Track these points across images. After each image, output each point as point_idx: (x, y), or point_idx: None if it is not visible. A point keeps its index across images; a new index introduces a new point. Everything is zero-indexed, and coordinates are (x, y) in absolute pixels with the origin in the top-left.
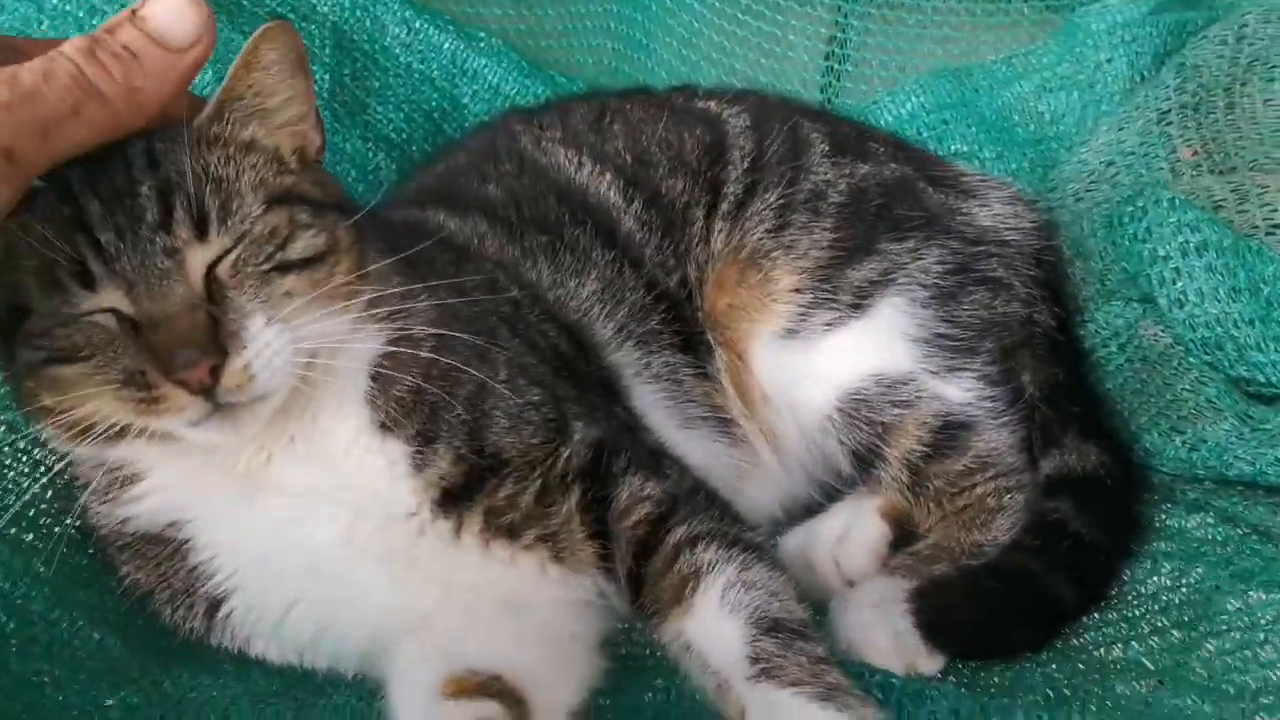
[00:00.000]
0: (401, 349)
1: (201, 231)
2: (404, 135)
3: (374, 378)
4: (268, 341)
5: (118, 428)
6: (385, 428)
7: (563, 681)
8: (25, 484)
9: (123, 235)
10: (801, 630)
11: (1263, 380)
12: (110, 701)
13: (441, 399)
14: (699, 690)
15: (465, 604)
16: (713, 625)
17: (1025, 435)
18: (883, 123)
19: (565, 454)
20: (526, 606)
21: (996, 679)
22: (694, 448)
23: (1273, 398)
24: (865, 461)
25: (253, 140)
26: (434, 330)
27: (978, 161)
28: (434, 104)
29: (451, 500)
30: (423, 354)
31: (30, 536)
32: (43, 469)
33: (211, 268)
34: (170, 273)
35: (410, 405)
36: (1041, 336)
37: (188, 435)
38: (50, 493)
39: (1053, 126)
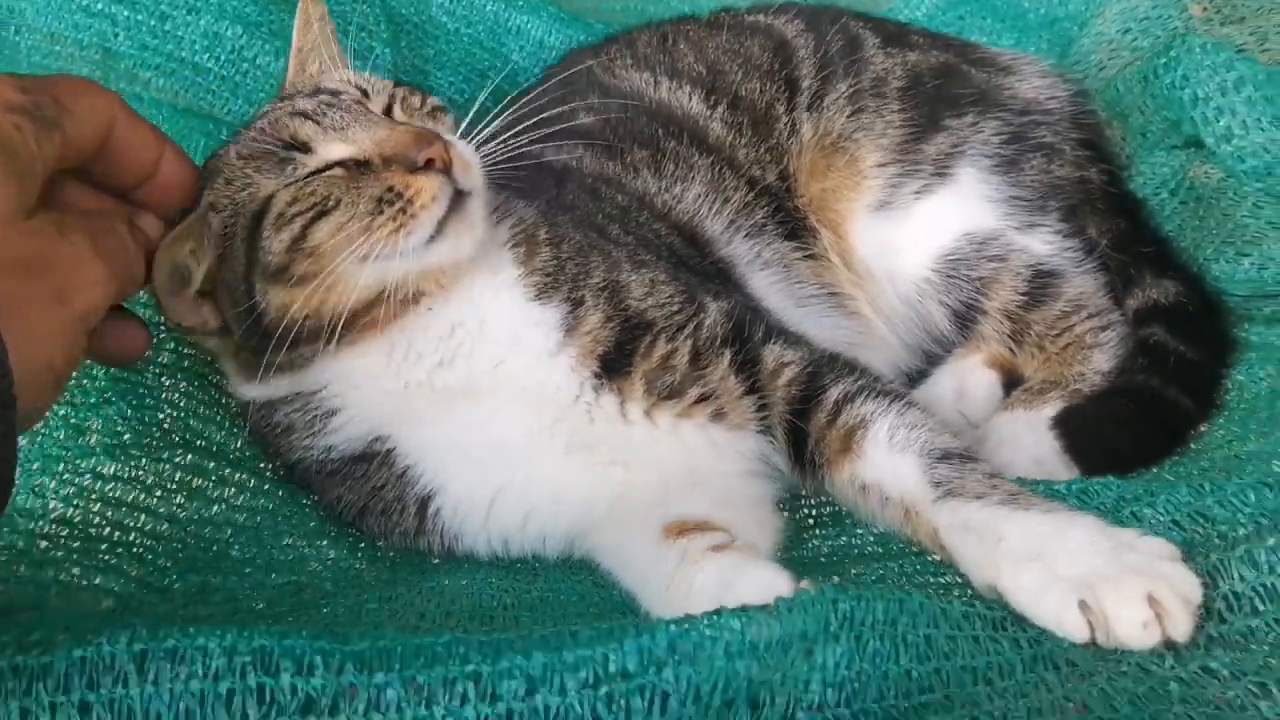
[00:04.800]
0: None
1: (365, 94)
2: (465, 96)
3: (515, 248)
4: (459, 143)
5: (370, 286)
6: (539, 295)
7: (757, 535)
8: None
9: (317, 104)
10: (969, 455)
11: None
12: (373, 604)
13: (580, 273)
14: (882, 525)
15: (652, 482)
16: (886, 463)
17: (1107, 281)
18: None
19: (707, 321)
20: (706, 478)
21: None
22: (811, 324)
23: None
24: (966, 319)
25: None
26: (545, 222)
27: None
28: (486, 64)
29: (610, 370)
30: (542, 234)
31: (245, 475)
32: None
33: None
34: (365, 113)
35: (553, 273)
36: (1097, 192)
37: (430, 257)
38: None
39: (1062, 7)
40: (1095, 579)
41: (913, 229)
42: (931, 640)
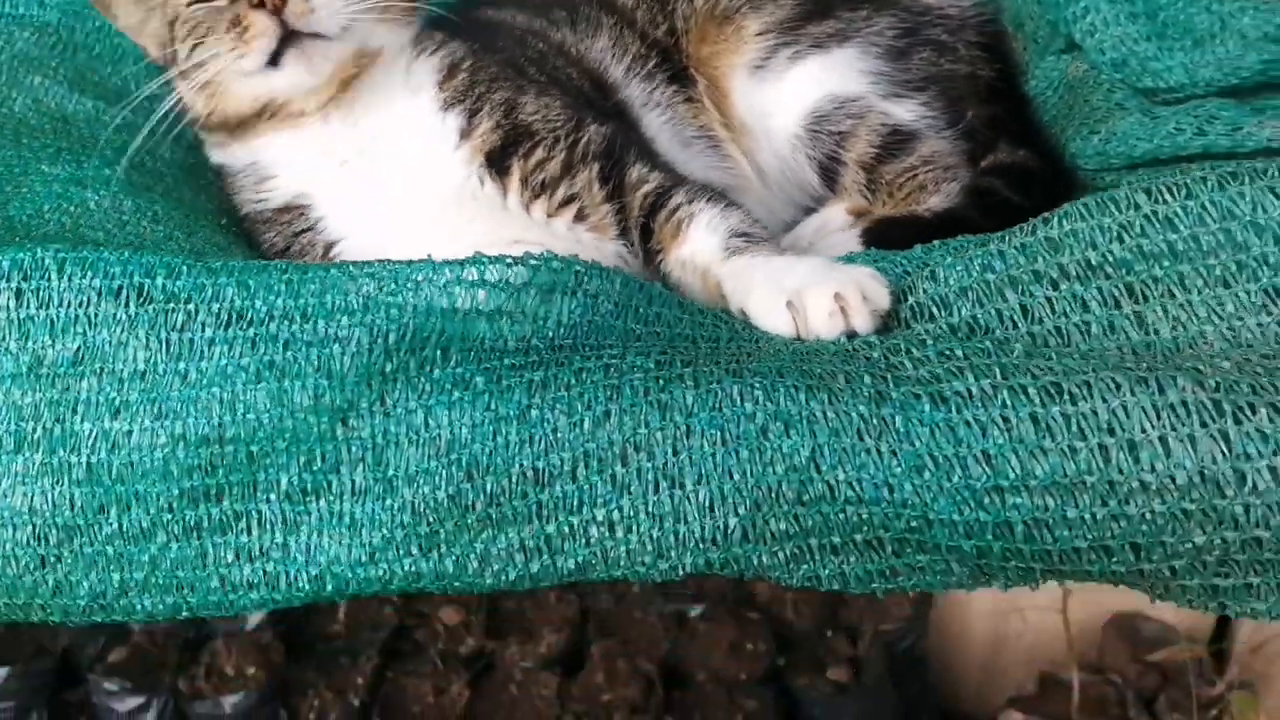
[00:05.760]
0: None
1: None
2: None
3: (439, 74)
4: None
5: (249, 99)
6: (445, 106)
7: None
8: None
9: None
10: (767, 239)
11: (1164, 87)
12: None
13: (485, 91)
14: (694, 294)
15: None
16: (699, 240)
17: (969, 149)
18: None
19: (583, 139)
20: None
21: None
22: (694, 164)
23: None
24: (829, 171)
25: None
26: (471, 56)
27: None
28: None
29: (494, 164)
30: (465, 65)
31: (204, 224)
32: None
33: None
34: None
35: (463, 90)
36: (984, 86)
37: (273, 82)
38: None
39: None
40: (803, 287)
41: (785, 90)
42: (661, 316)
